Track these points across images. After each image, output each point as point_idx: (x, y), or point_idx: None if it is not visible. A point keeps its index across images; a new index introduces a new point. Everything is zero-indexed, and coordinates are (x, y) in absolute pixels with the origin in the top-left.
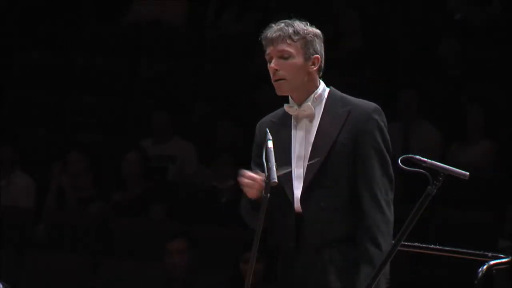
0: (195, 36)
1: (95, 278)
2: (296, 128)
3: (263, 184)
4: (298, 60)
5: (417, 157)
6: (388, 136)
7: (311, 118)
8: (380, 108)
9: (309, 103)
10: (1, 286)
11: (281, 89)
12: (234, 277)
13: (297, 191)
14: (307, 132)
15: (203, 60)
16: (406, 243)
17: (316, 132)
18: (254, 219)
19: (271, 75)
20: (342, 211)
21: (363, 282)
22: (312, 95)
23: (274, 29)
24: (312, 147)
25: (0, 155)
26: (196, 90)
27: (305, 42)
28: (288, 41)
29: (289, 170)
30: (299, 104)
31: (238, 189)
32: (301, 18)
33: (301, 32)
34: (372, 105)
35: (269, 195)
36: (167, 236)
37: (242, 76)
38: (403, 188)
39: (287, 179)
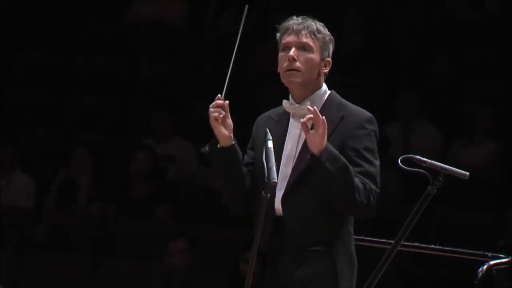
0: (195, 36)
1: (95, 278)
2: (291, 127)
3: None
4: (316, 57)
5: (417, 157)
6: (375, 146)
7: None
8: (373, 118)
9: (308, 103)
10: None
11: (292, 80)
12: (234, 277)
13: (280, 192)
14: (301, 131)
15: (203, 60)
16: (406, 243)
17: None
18: (221, 169)
19: (284, 64)
20: (323, 214)
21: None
22: (313, 95)
23: (298, 21)
24: (302, 147)
25: (0, 155)
26: (196, 90)
27: (324, 42)
28: (312, 36)
29: None
30: (298, 102)
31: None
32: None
33: (322, 32)
34: (366, 114)
35: (268, 194)
36: (167, 236)
37: (242, 76)
38: (403, 188)
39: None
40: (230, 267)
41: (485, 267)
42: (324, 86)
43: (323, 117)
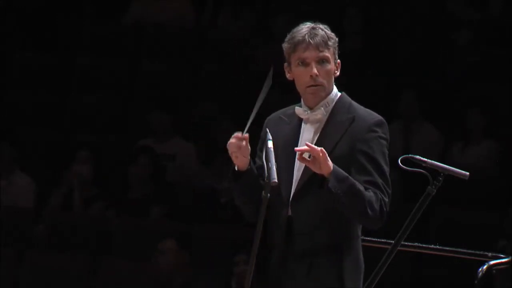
0: (195, 36)
1: (95, 278)
2: (303, 131)
3: (244, 146)
4: (332, 66)
5: (417, 157)
6: (386, 150)
7: (320, 122)
8: (384, 121)
9: (322, 108)
10: None
11: (318, 95)
12: (233, 277)
13: (291, 194)
14: (314, 135)
15: (203, 60)
16: (406, 243)
17: (319, 136)
18: (242, 196)
19: (306, 79)
20: (331, 218)
21: None
22: (325, 100)
23: (311, 32)
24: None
25: (0, 155)
26: (196, 90)
27: (335, 48)
28: (326, 46)
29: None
30: (311, 108)
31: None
32: (301, 18)
33: (331, 37)
34: (376, 117)
35: (268, 195)
36: (167, 236)
37: (242, 76)
38: (403, 188)
39: (286, 179)
40: (229, 267)
41: (485, 267)
42: (335, 89)
43: (320, 148)
